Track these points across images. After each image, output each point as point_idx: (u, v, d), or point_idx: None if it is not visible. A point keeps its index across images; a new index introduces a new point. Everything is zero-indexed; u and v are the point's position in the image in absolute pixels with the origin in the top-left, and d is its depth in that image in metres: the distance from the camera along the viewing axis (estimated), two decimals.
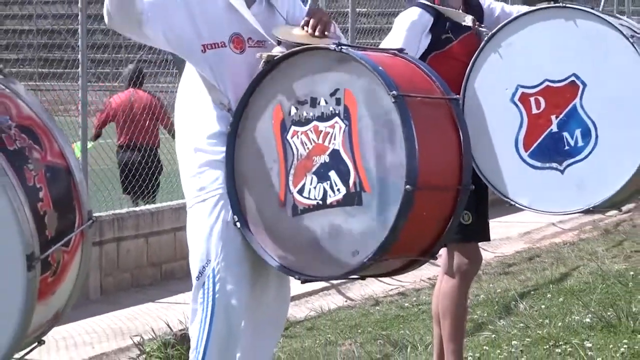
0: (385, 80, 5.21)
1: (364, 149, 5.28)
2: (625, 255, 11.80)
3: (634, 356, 7.51)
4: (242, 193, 5.55)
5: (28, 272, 3.76)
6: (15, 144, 3.92)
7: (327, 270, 5.53)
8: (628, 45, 6.47)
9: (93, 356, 8.58)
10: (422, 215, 5.30)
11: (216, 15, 5.59)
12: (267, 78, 5.51)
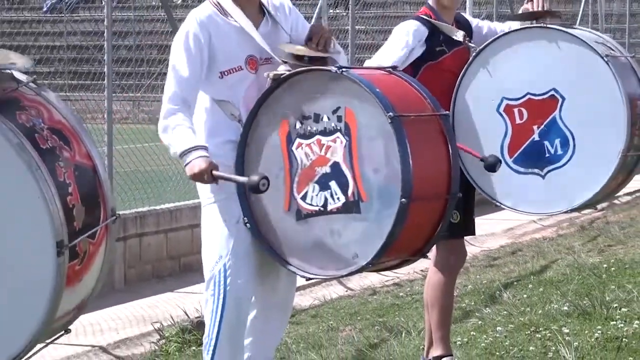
0: (382, 101, 5.23)
1: (362, 162, 5.30)
2: (599, 250, 11.79)
3: (607, 341, 7.51)
4: (251, 196, 5.55)
5: (58, 258, 3.77)
6: (48, 144, 3.93)
7: (329, 270, 5.55)
8: (603, 64, 6.52)
9: (117, 341, 8.58)
10: (415, 222, 5.34)
11: (231, 42, 5.59)
12: (274, 94, 5.50)
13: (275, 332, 5.98)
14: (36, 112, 4.03)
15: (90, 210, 4.04)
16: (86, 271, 4.05)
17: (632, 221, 14.04)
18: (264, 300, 5.79)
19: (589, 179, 6.57)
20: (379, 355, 7.59)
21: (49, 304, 3.82)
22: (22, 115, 3.95)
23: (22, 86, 4.09)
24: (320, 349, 7.76)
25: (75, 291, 4.02)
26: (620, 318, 8.10)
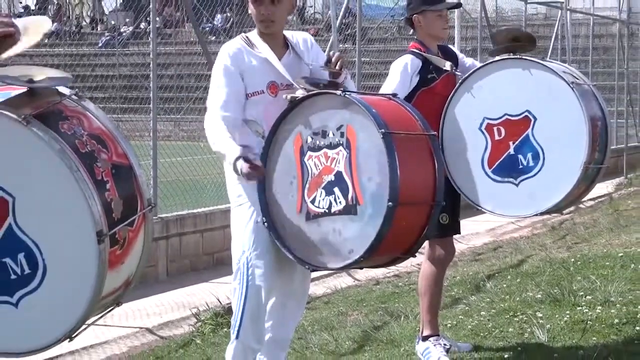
0: (377, 120, 5.27)
1: (360, 171, 5.33)
2: (567, 246, 11.77)
3: (575, 324, 7.49)
4: (269, 200, 5.58)
5: (98, 245, 3.77)
6: (87, 148, 3.92)
7: (330, 263, 5.56)
8: (569, 90, 6.56)
9: (161, 323, 8.58)
10: (402, 225, 5.36)
11: (257, 71, 5.61)
12: (291, 114, 5.53)
13: (292, 316, 5.98)
14: (77, 121, 4.02)
15: (128, 202, 4.03)
16: (127, 254, 4.04)
17: (595, 222, 14.01)
18: (281, 289, 5.80)
19: (555, 187, 6.60)
20: (381, 336, 7.57)
21: (95, 285, 3.82)
22: (64, 124, 3.95)
23: (65, 99, 4.09)
24: (332, 331, 7.75)
25: (119, 271, 4.01)
26: (585, 304, 8.07)
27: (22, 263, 3.86)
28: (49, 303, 3.87)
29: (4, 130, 3.83)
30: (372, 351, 7.12)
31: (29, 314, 3.89)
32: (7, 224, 3.85)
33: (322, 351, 7.18)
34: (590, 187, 6.91)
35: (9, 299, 3.89)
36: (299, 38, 5.87)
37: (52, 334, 3.94)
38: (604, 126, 6.77)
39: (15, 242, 3.85)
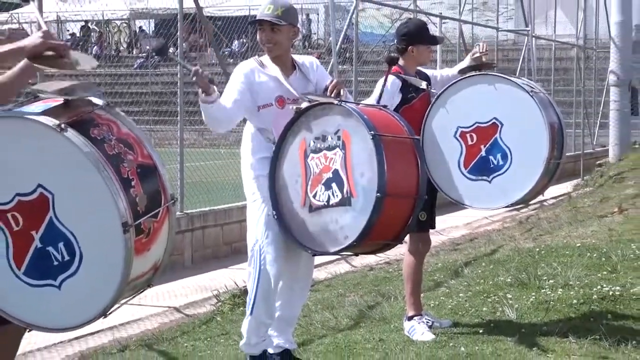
0: (367, 124, 5.33)
1: (353, 168, 5.37)
2: (533, 238, 11.75)
3: (539, 304, 7.47)
4: (278, 196, 5.59)
5: (124, 235, 3.75)
6: (114, 150, 3.91)
7: (329, 248, 5.55)
8: (529, 98, 6.61)
9: (187, 303, 8.58)
10: (389, 214, 5.39)
11: (267, 86, 5.64)
12: (297, 122, 5.57)
13: (298, 297, 5.99)
14: (107, 127, 4.01)
15: (152, 197, 4.01)
16: (153, 242, 4.02)
17: (557, 218, 13.99)
18: (289, 273, 5.80)
19: (523, 181, 6.64)
20: (374, 314, 7.55)
21: (124, 269, 3.81)
22: (94, 130, 3.94)
23: (97, 108, 4.09)
24: (332, 310, 7.74)
25: (147, 257, 4.00)
26: (548, 287, 8.05)
27: (62, 251, 3.84)
28: (86, 285, 3.86)
29: (44, 137, 3.81)
30: (367, 327, 7.11)
31: (70, 294, 3.88)
32: (48, 217, 3.83)
33: (324, 327, 7.17)
34: (551, 181, 6.93)
35: (52, 282, 3.87)
36: (306, 60, 5.93)
37: (90, 312, 3.92)
38: (560, 128, 6.82)
39: (56, 233, 3.84)
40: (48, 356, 6.73)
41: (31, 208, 3.85)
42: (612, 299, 7.61)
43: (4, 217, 3.87)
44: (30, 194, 3.84)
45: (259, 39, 5.72)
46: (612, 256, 9.39)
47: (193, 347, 6.81)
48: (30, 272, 3.89)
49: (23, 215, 3.86)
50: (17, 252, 3.89)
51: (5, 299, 3.96)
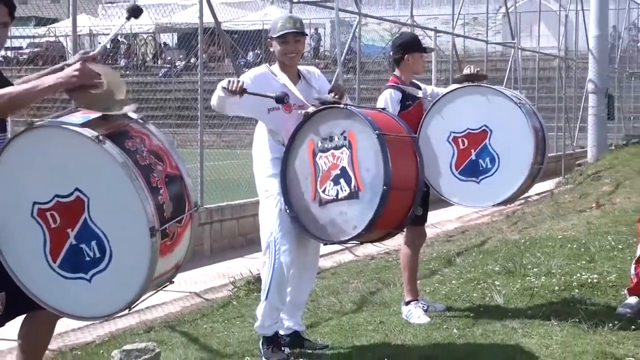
0: (372, 125, 5.36)
1: (360, 165, 5.38)
2: (518, 230, 11.74)
3: (525, 290, 7.47)
4: (290, 192, 5.58)
5: (151, 238, 3.75)
6: (145, 161, 3.91)
7: (339, 237, 5.57)
8: (517, 108, 6.60)
9: (207, 289, 8.58)
10: (393, 205, 5.41)
11: (275, 91, 5.58)
12: (305, 125, 5.57)
13: (306, 284, 5.99)
14: (140, 139, 4.01)
15: (177, 204, 4.01)
16: (176, 245, 4.02)
17: (540, 212, 13.97)
18: (298, 262, 5.79)
19: (508, 184, 6.63)
20: (376, 299, 7.55)
21: (149, 267, 3.81)
22: (129, 142, 3.94)
23: (132, 122, 4.09)
24: (337, 295, 7.73)
25: (170, 257, 4.00)
26: (533, 275, 8.04)
27: (94, 249, 3.86)
28: (114, 280, 3.87)
29: (82, 146, 3.82)
30: (369, 311, 7.11)
31: (99, 288, 3.89)
32: (83, 218, 3.84)
33: (330, 311, 7.17)
34: (533, 183, 6.94)
35: (84, 276, 3.88)
36: (309, 70, 5.95)
37: (116, 304, 3.94)
38: (543, 135, 6.81)
39: (89, 233, 3.85)
40: (81, 336, 6.75)
41: (68, 208, 3.86)
42: (590, 286, 7.60)
43: (43, 215, 3.89)
44: (68, 196, 3.85)
45: (283, 50, 5.69)
46: (590, 247, 9.38)
47: (211, 328, 6.82)
48: (65, 266, 3.90)
49: (60, 215, 3.87)
50: (54, 247, 3.90)
51: (42, 289, 3.98)
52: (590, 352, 5.70)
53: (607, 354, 5.68)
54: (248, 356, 5.77)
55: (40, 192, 3.89)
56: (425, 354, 5.70)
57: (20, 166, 3.92)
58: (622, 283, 7.46)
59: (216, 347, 6.11)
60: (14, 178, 3.93)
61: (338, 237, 5.57)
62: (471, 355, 5.66)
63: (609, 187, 16.30)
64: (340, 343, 6.07)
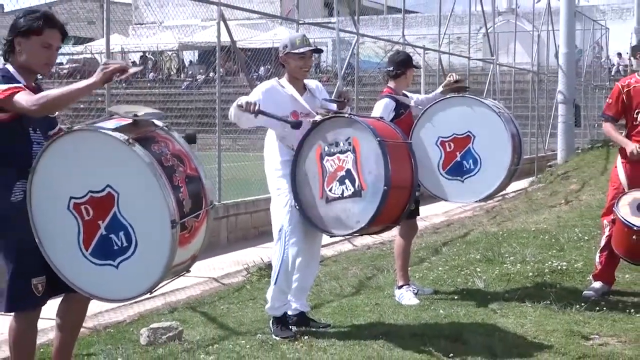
0: (374, 132, 5.34)
1: (363, 167, 5.35)
2: (497, 223, 11.74)
3: (502, 276, 7.47)
4: (299, 191, 5.56)
5: (172, 230, 3.76)
6: (169, 163, 3.92)
7: (343, 231, 5.57)
8: (497, 116, 6.62)
9: (223, 275, 8.56)
10: (392, 203, 5.38)
11: (284, 102, 5.61)
12: (312, 132, 5.55)
13: (311, 271, 5.98)
14: (164, 144, 4.03)
15: (195, 201, 4.01)
16: (194, 237, 4.02)
17: (516, 208, 13.97)
18: (305, 252, 5.77)
19: (489, 183, 6.63)
20: (372, 284, 7.55)
21: (169, 256, 3.81)
22: (155, 146, 3.95)
23: (158, 129, 4.10)
24: (338, 280, 7.73)
25: (187, 248, 4.00)
26: (509, 263, 8.05)
27: (122, 238, 3.86)
28: (138, 267, 3.88)
29: (114, 148, 3.83)
30: (366, 294, 7.10)
31: (125, 273, 3.89)
32: (113, 211, 3.85)
33: (331, 294, 7.16)
34: (510, 182, 6.95)
35: (112, 263, 3.89)
36: (312, 83, 5.94)
37: (139, 288, 3.95)
38: (519, 140, 6.81)
39: (118, 224, 3.86)
40: (114, 316, 6.74)
41: (100, 203, 3.87)
42: (560, 272, 7.61)
43: (78, 208, 3.90)
44: (100, 191, 3.87)
45: (303, 65, 5.69)
46: (560, 238, 9.39)
47: (228, 309, 6.81)
48: (95, 253, 3.92)
49: (93, 208, 3.89)
50: (86, 237, 3.91)
51: (74, 274, 4.00)
52: (560, 331, 5.69)
53: (574, 332, 5.68)
54: (260, 333, 5.76)
55: (76, 188, 3.90)
56: (415, 332, 5.69)
57: (59, 165, 3.94)
58: (587, 270, 7.46)
59: (232, 326, 6.10)
60: (54, 176, 3.95)
61: (343, 231, 5.56)
62: (455, 332, 5.65)
63: (576, 185, 16.29)
64: (340, 322, 6.07)
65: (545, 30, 26.03)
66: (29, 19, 4.11)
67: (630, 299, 6.73)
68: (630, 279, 7.34)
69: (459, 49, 28.35)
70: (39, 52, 4.11)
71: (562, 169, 20.44)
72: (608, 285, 6.95)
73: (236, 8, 12.49)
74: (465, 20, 23.58)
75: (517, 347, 5.32)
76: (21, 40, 4.09)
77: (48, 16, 4.14)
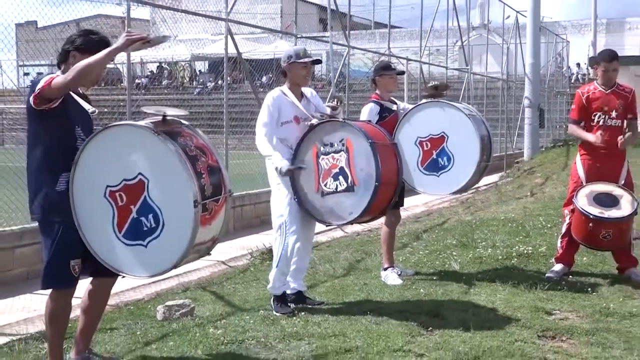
0: (365, 135, 5.34)
1: (355, 166, 5.36)
2: (471, 213, 11.74)
3: (475, 259, 7.47)
4: (297, 186, 5.56)
5: (194, 209, 3.78)
6: (193, 152, 3.95)
7: (337, 221, 5.59)
8: (467, 119, 6.59)
9: (230, 258, 8.55)
10: (381, 197, 5.40)
11: (286, 108, 5.60)
12: (309, 134, 5.55)
13: (307, 254, 5.98)
14: (189, 138, 4.06)
15: (216, 187, 4.03)
16: (213, 219, 4.03)
17: (487, 199, 13.97)
18: (303, 238, 5.77)
19: (460, 177, 6.59)
20: (360, 266, 7.54)
21: (192, 234, 3.83)
22: (181, 139, 3.98)
23: (184, 126, 4.13)
24: (331, 263, 7.72)
25: (209, 229, 4.01)
26: (482, 247, 8.05)
27: (151, 220, 3.88)
28: (165, 245, 3.88)
29: (145, 139, 3.87)
30: (355, 275, 7.10)
31: (153, 252, 3.90)
32: (143, 196, 3.88)
33: (325, 275, 7.15)
34: (482, 176, 6.92)
35: (142, 242, 3.91)
36: (307, 91, 5.90)
37: (166, 264, 3.95)
38: (489, 139, 6.79)
39: (147, 207, 3.87)
40: (134, 294, 6.73)
41: (132, 189, 3.90)
42: (526, 256, 7.61)
43: (113, 195, 3.94)
44: (133, 179, 3.90)
45: (305, 73, 5.69)
46: (526, 226, 9.39)
47: (234, 288, 6.80)
48: (128, 235, 3.94)
49: (126, 194, 3.92)
50: (120, 221, 3.94)
51: (109, 254, 4.02)
52: (526, 307, 5.69)
53: (538, 308, 5.69)
54: (262, 310, 5.75)
55: (111, 177, 3.94)
56: (399, 309, 5.69)
57: (98, 158, 3.97)
58: (550, 253, 7.47)
59: (237, 303, 6.09)
60: (93, 168, 3.98)
61: (338, 221, 5.57)
62: (434, 309, 5.65)
63: (540, 179, 16.31)
64: (333, 300, 6.07)
65: (514, 43, 26.04)
66: (90, 39, 4.16)
67: (587, 279, 6.74)
68: (588, 261, 7.35)
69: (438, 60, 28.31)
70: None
71: (528, 165, 20.46)
72: (568, 267, 6.96)
73: (242, 24, 12.48)
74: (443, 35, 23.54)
75: (488, 321, 5.32)
76: (76, 54, 4.12)
77: (106, 41, 4.18)
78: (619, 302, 5.90)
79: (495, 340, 4.85)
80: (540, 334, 5.07)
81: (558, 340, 4.99)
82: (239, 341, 4.94)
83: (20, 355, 4.77)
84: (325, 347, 4.74)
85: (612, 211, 6.39)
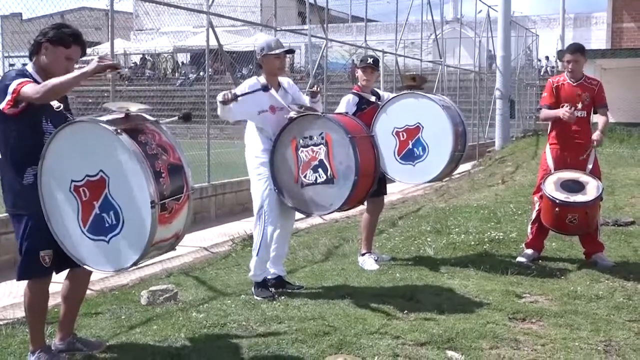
0: (344, 129, 5.32)
1: (334, 159, 5.35)
2: (445, 200, 11.78)
3: (449, 244, 7.50)
4: (277, 176, 5.53)
5: (152, 210, 3.73)
6: (153, 151, 3.88)
7: (317, 211, 5.59)
8: (441, 110, 6.56)
9: (212, 244, 8.53)
10: (360, 188, 5.41)
11: (264, 97, 5.54)
12: (289, 126, 5.51)
13: (286, 241, 5.96)
14: (151, 135, 3.98)
15: (176, 186, 3.96)
16: (174, 218, 3.96)
17: (460, 187, 14.04)
18: (282, 226, 5.75)
19: (435, 166, 6.58)
20: (338, 252, 7.54)
21: (150, 233, 3.78)
22: (142, 136, 3.91)
23: (147, 123, 4.06)
24: (310, 249, 7.71)
25: (169, 227, 3.94)
26: (455, 233, 8.07)
27: (112, 217, 3.83)
28: (125, 242, 3.84)
29: (106, 137, 3.80)
30: (333, 261, 7.10)
31: (114, 248, 3.86)
32: (104, 193, 3.83)
33: (304, 261, 7.15)
34: (456, 166, 6.92)
35: (104, 238, 3.87)
36: (285, 81, 5.85)
37: (127, 261, 3.90)
38: (463, 130, 6.79)
39: (109, 204, 3.83)
40: (118, 280, 6.69)
41: (94, 185, 3.85)
42: (497, 242, 7.65)
43: (77, 190, 3.89)
44: (95, 175, 3.85)
45: (279, 64, 5.63)
46: (497, 212, 9.44)
47: (216, 274, 6.78)
48: (91, 230, 3.90)
49: (89, 190, 3.87)
50: (84, 215, 3.90)
51: (74, 247, 3.98)
52: (498, 290, 5.73)
53: (509, 291, 5.72)
54: (243, 294, 5.74)
55: (75, 171, 3.89)
56: (376, 293, 5.71)
57: (63, 152, 3.92)
58: (520, 239, 7.51)
59: (219, 288, 6.07)
60: (59, 161, 3.93)
61: (319, 211, 5.58)
62: (409, 293, 5.66)
63: (511, 168, 16.41)
64: (312, 284, 6.06)
65: (486, 37, 26.11)
66: (62, 32, 4.08)
67: (556, 264, 6.80)
68: (557, 247, 7.41)
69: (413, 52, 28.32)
70: (61, 62, 4.07)
71: (499, 154, 20.57)
72: (538, 252, 7.01)
73: (222, 17, 12.40)
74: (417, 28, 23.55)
75: (461, 304, 5.35)
76: (48, 46, 4.06)
77: (77, 35, 4.12)
78: (586, 285, 5.96)
79: (468, 322, 4.88)
80: (511, 317, 5.11)
81: (528, 322, 5.03)
82: (221, 325, 4.93)
83: (7, 340, 4.73)
84: (305, 330, 4.74)
85: (578, 196, 6.45)
